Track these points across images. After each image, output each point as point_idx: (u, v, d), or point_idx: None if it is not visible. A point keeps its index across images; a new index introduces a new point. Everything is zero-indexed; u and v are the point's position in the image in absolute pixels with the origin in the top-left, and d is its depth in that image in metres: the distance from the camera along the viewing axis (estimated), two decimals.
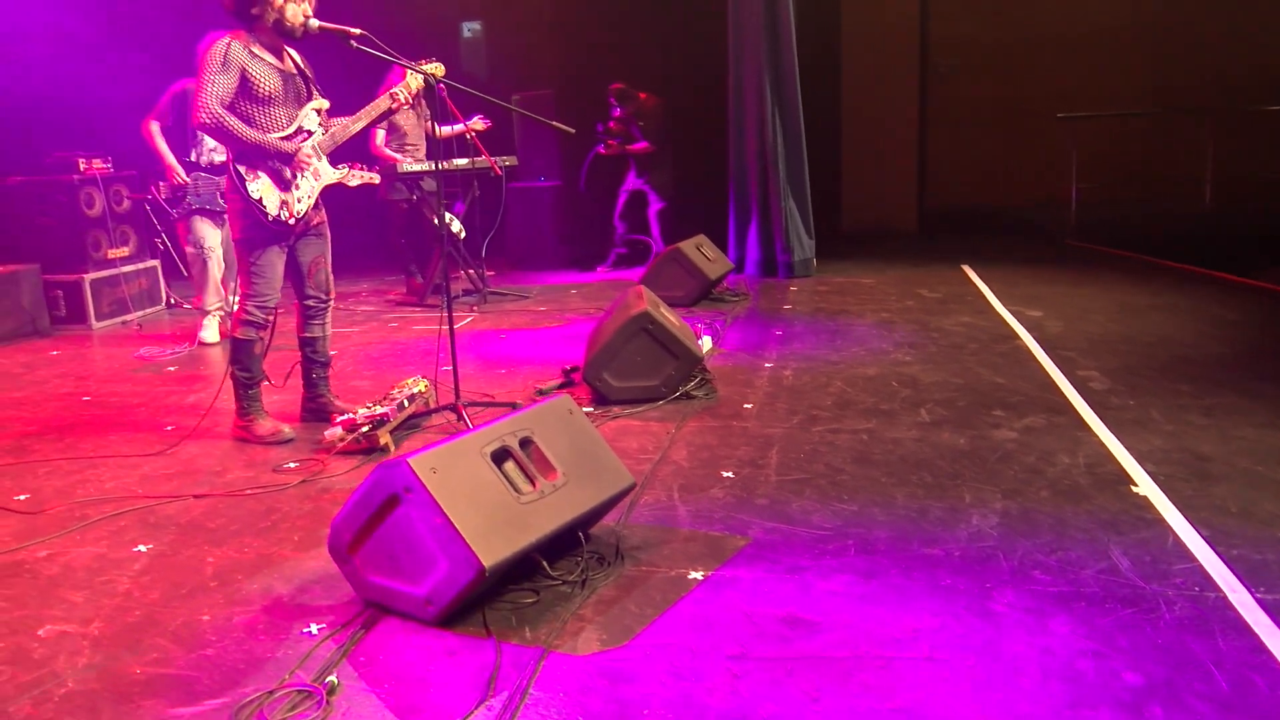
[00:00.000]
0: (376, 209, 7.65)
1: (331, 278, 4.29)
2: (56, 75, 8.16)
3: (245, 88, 3.84)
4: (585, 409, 4.35)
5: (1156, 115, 11.05)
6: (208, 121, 3.75)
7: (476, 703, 2.16)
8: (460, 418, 4.13)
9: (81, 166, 6.96)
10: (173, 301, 7.58)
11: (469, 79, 9.66)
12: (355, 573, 2.60)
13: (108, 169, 7.17)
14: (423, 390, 4.28)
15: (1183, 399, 4.20)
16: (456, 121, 4.81)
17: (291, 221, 4.00)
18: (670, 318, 4.63)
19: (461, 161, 7.12)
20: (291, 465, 3.83)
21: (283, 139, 3.96)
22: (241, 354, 4.09)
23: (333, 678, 2.26)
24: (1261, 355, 4.96)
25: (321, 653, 2.40)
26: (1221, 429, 3.79)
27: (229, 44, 3.80)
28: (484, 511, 2.49)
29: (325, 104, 4.15)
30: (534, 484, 2.68)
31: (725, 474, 3.52)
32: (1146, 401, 4.18)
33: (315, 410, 4.38)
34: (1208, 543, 2.78)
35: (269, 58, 3.92)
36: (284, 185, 3.97)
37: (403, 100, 4.21)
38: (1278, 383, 4.37)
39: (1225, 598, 2.47)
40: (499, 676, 2.25)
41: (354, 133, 4.21)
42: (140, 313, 7.34)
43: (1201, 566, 2.65)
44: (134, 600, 2.73)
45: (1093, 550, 2.79)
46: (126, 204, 7.33)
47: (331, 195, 4.28)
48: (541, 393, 4.66)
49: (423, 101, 6.84)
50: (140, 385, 5.27)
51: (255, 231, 3.96)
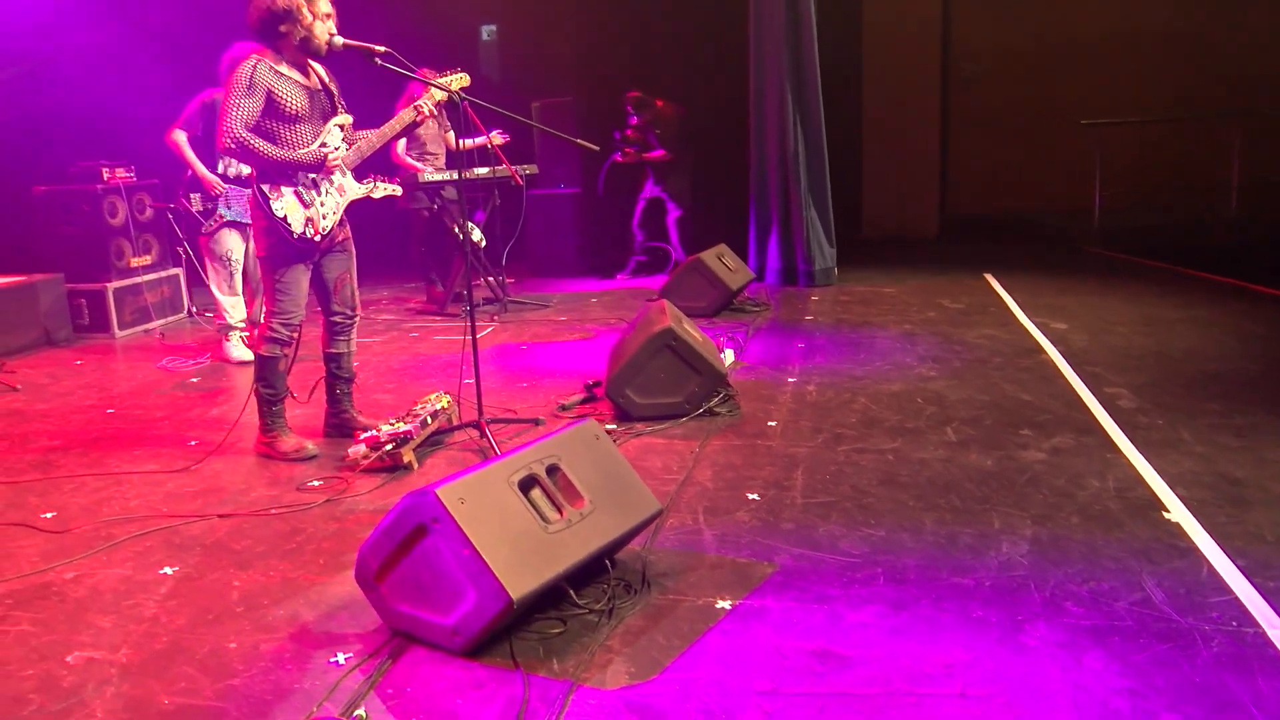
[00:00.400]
0: (397, 218, 7.65)
1: (357, 293, 4.29)
2: (79, 85, 8.20)
3: (272, 107, 3.84)
4: (608, 426, 4.33)
5: (1182, 121, 10.91)
6: (232, 146, 3.76)
7: None
8: (483, 435, 4.12)
9: (105, 176, 6.99)
10: (194, 310, 7.61)
11: (487, 82, 9.66)
12: (382, 601, 2.59)
13: (131, 178, 7.21)
14: (445, 406, 4.27)
15: (1212, 418, 4.15)
16: (478, 134, 4.80)
17: (317, 239, 4.00)
18: (693, 333, 4.61)
19: (482, 171, 7.12)
20: (315, 483, 3.83)
21: (306, 153, 3.95)
22: (266, 370, 4.09)
23: (361, 710, 2.26)
24: None
25: (349, 683, 2.39)
26: (1254, 451, 3.73)
27: (255, 65, 3.79)
28: (512, 542, 2.48)
29: (349, 119, 4.14)
30: (561, 512, 2.66)
31: (751, 496, 3.50)
32: (1175, 421, 4.13)
33: (338, 425, 4.38)
34: (1244, 574, 2.74)
35: (295, 75, 3.92)
36: (307, 202, 3.97)
37: (428, 113, 4.21)
38: None
39: (1264, 634, 2.43)
40: (527, 711, 2.24)
41: (378, 147, 4.21)
42: (162, 321, 7.37)
43: (1238, 600, 2.61)
44: (161, 626, 2.73)
45: (1125, 581, 2.75)
46: (149, 212, 7.36)
47: (352, 204, 4.27)
48: (564, 408, 4.65)
49: (443, 111, 6.85)
50: (163, 398, 5.29)
51: (280, 249, 3.96)
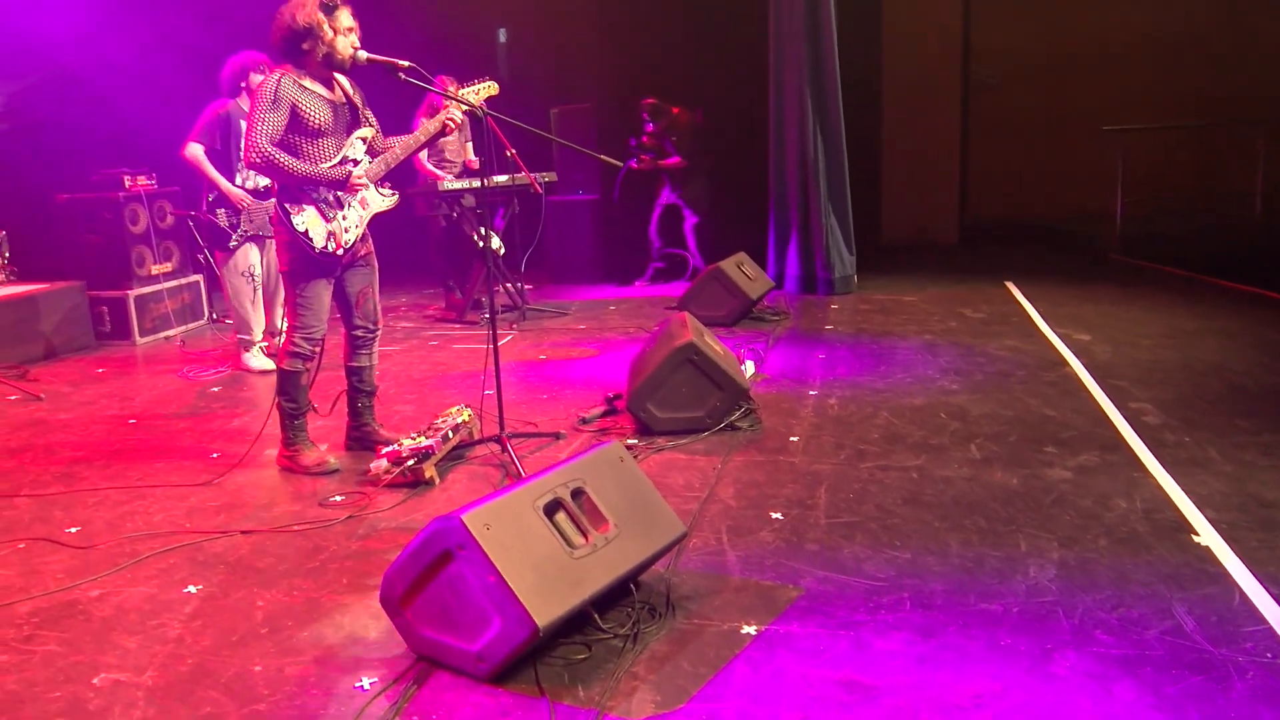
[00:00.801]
0: (415, 224, 7.67)
1: (379, 308, 4.29)
2: (101, 93, 8.24)
3: (296, 121, 3.84)
4: (630, 440, 4.32)
5: (1205, 126, 10.81)
6: (258, 161, 3.76)
7: None
8: (504, 449, 4.11)
9: (127, 183, 7.04)
10: (214, 316, 7.64)
11: (505, 86, 9.65)
12: (407, 625, 2.58)
13: (152, 185, 7.25)
14: (466, 420, 4.27)
15: (1240, 436, 4.10)
16: (499, 146, 4.81)
17: (339, 253, 4.00)
18: (715, 347, 4.59)
19: (501, 178, 7.12)
20: (337, 498, 3.83)
21: (331, 168, 3.96)
22: (288, 385, 4.09)
23: None
24: None
25: (374, 710, 2.38)
26: None
27: (279, 80, 3.80)
28: (537, 568, 2.47)
29: (372, 132, 4.15)
30: (586, 537, 2.65)
31: (774, 515, 3.47)
32: (1202, 438, 4.09)
33: (360, 439, 4.38)
34: (1278, 602, 2.70)
35: (319, 89, 3.92)
36: (329, 217, 3.97)
37: (456, 124, 4.21)
38: None
39: None
40: None
41: (402, 159, 4.21)
42: (183, 328, 7.41)
43: (1273, 629, 2.57)
44: (186, 647, 2.73)
45: (1155, 608, 2.72)
46: (170, 220, 7.40)
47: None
48: (585, 421, 4.64)
49: (466, 121, 6.85)
50: (184, 408, 5.31)
51: (302, 264, 3.96)
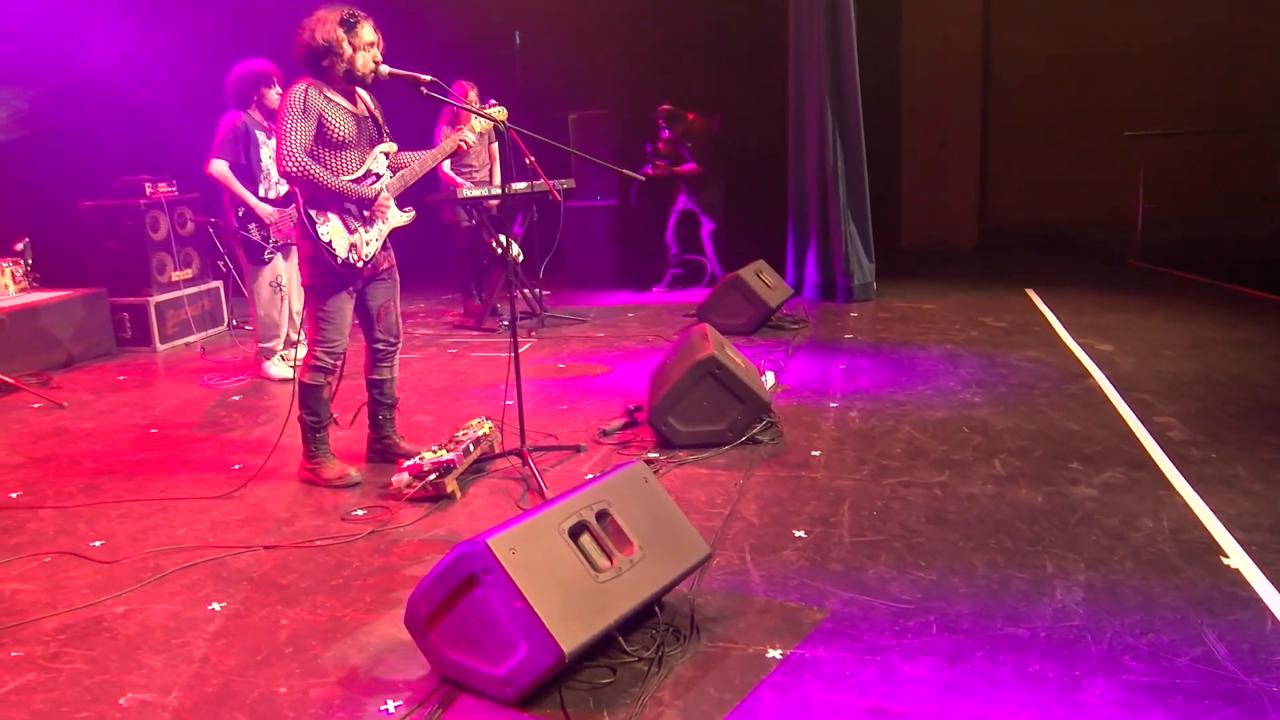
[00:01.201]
0: (435, 230, 7.67)
1: (400, 321, 4.30)
2: (122, 100, 8.28)
3: (321, 133, 3.85)
4: (651, 454, 4.31)
5: (1227, 132, 10.72)
6: (293, 171, 3.77)
7: None
8: (525, 463, 4.11)
9: (148, 190, 7.06)
10: (234, 323, 7.66)
11: (522, 92, 9.64)
12: (432, 648, 2.58)
13: (172, 192, 7.28)
14: (487, 433, 4.27)
15: (1268, 452, 4.06)
16: (523, 156, 4.81)
17: (360, 265, 4.01)
18: (736, 359, 4.57)
19: (520, 186, 7.12)
20: (359, 512, 3.84)
21: (362, 184, 3.97)
22: (309, 398, 4.10)
23: None
24: None
25: None
26: None
27: (306, 90, 3.80)
28: (563, 592, 2.46)
29: (393, 147, 4.15)
30: (611, 560, 2.64)
31: (797, 533, 3.46)
32: (1229, 455, 4.05)
33: (381, 451, 4.39)
34: None
35: (343, 102, 3.93)
36: (352, 229, 3.97)
37: (470, 144, 4.21)
38: None
39: None
40: None
41: (420, 175, 4.22)
42: (203, 334, 7.44)
43: None
44: (211, 666, 2.74)
45: (1185, 633, 2.69)
46: (190, 226, 7.42)
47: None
48: (605, 434, 4.63)
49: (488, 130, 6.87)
50: (205, 417, 5.33)
51: (324, 277, 3.96)
